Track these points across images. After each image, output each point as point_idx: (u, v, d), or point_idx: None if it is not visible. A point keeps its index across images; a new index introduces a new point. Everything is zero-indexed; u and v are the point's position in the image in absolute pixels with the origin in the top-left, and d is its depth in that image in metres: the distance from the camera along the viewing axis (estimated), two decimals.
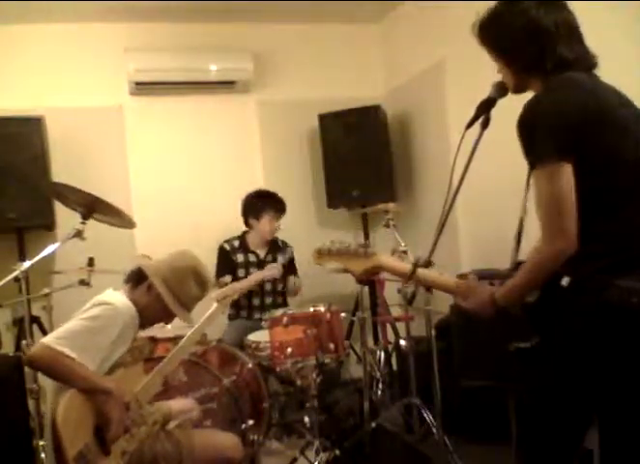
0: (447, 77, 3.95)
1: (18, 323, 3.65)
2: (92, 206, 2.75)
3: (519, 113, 1.57)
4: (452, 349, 2.97)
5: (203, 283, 2.32)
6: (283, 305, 3.82)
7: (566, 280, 1.53)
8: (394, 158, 4.58)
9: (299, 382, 2.95)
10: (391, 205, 3.43)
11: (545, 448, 1.61)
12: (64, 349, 1.96)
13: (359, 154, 4.33)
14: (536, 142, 1.54)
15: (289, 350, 2.88)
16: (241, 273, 3.89)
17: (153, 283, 2.22)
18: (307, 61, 4.69)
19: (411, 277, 1.76)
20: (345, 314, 3.19)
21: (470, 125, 1.80)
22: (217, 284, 3.66)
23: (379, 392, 3.77)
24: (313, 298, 4.02)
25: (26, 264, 2.74)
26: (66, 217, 3.32)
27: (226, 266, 3.88)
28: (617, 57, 2.10)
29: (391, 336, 3.96)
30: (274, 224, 3.89)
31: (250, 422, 2.90)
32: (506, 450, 2.36)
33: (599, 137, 1.53)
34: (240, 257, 3.92)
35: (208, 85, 4.42)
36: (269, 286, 3.91)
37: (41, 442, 3.00)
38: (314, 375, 2.91)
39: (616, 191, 1.55)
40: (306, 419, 2.97)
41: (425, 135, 4.33)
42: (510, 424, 2.55)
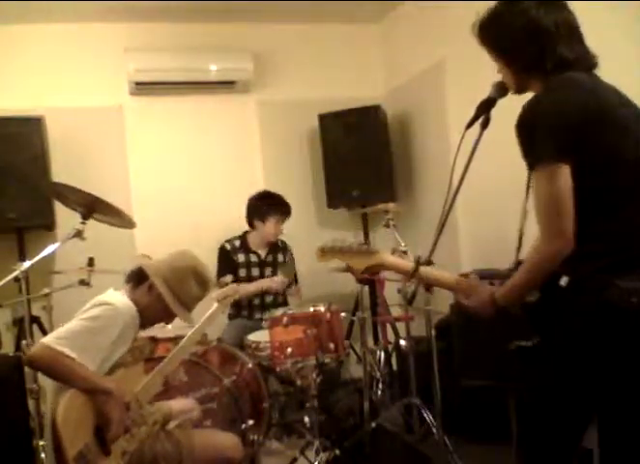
0: (447, 77, 3.95)
1: (18, 323, 3.65)
2: (92, 206, 2.75)
3: (519, 113, 1.57)
4: (453, 349, 2.97)
5: (204, 283, 2.32)
6: (284, 305, 3.81)
7: (565, 280, 1.53)
8: (394, 158, 4.58)
9: (299, 382, 2.95)
10: (391, 205, 3.43)
11: (545, 446, 1.61)
12: (64, 349, 1.96)
13: (359, 154, 4.33)
14: (535, 143, 1.54)
15: (289, 350, 2.88)
16: (242, 273, 3.89)
17: (154, 283, 2.22)
18: (307, 61, 4.69)
19: (413, 275, 1.76)
20: (345, 314, 3.18)
21: (470, 125, 1.81)
22: (217, 284, 3.66)
23: (379, 392, 3.76)
24: (313, 298, 4.01)
25: (26, 264, 2.74)
26: (66, 217, 3.32)
27: (227, 266, 3.88)
28: (617, 57, 2.10)
29: (391, 336, 3.95)
30: (278, 227, 3.90)
31: (250, 422, 2.90)
32: (506, 450, 2.36)
33: (599, 137, 1.53)
34: (241, 257, 3.92)
35: (208, 85, 4.42)
36: None
37: (41, 442, 3.00)
38: (314, 375, 2.90)
39: (616, 191, 1.55)
40: (306, 419, 2.97)
41: (425, 135, 4.33)
42: (510, 424, 2.54)
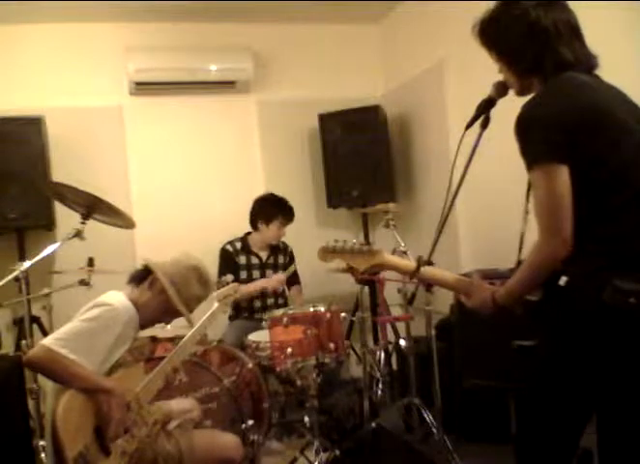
0: (446, 78, 3.95)
1: (18, 323, 3.65)
2: (92, 206, 2.75)
3: (518, 113, 1.57)
4: (453, 349, 2.97)
5: (206, 283, 2.32)
6: (285, 306, 3.81)
7: (564, 280, 1.53)
8: (394, 158, 4.58)
9: (299, 382, 2.94)
10: (391, 205, 3.43)
11: (544, 445, 1.62)
12: (63, 350, 1.95)
13: (359, 154, 4.33)
14: (533, 143, 1.54)
15: (289, 350, 2.88)
16: (243, 274, 3.89)
17: (156, 278, 2.23)
18: (307, 61, 4.69)
19: (415, 274, 1.77)
20: (345, 314, 3.18)
21: (470, 125, 1.81)
22: (218, 283, 3.66)
23: (379, 392, 3.76)
24: (313, 298, 4.01)
25: (26, 264, 2.74)
26: (66, 217, 3.32)
27: (229, 267, 3.86)
28: (617, 57, 2.09)
29: (391, 336, 3.96)
30: (282, 231, 3.91)
31: (250, 422, 2.89)
32: (506, 450, 2.35)
33: (599, 137, 1.53)
34: (242, 259, 3.92)
35: (208, 85, 4.42)
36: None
37: (41, 442, 2.99)
38: (314, 375, 2.90)
39: (616, 191, 1.54)
40: (306, 419, 2.96)
41: (425, 135, 4.33)
42: (511, 424, 2.55)
